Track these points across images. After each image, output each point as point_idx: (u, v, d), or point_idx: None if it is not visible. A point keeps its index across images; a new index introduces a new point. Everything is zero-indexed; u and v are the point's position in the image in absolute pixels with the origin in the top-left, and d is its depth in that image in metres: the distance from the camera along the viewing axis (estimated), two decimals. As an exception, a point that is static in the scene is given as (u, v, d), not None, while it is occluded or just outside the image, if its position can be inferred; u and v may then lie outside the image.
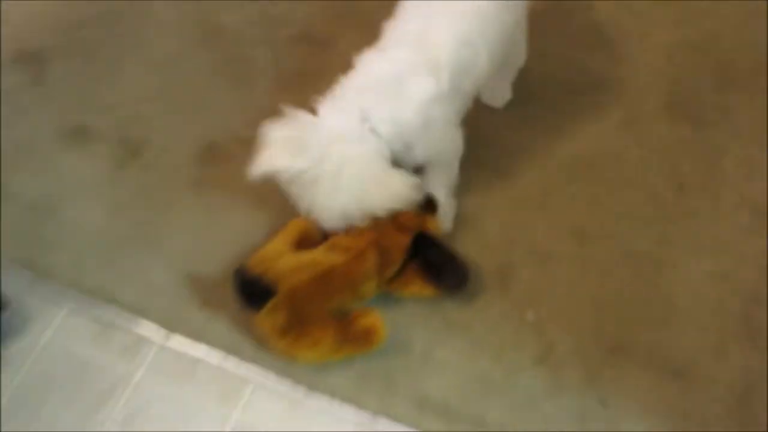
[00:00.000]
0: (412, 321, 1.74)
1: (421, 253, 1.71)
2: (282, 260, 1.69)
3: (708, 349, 1.70)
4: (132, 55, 2.05)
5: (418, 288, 1.73)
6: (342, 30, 1.88)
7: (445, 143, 1.67)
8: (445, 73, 1.60)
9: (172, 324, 1.74)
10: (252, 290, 1.64)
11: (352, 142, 1.55)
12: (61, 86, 2.01)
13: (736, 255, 1.81)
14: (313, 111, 1.61)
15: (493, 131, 1.98)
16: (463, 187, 1.89)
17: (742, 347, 1.70)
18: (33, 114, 1.97)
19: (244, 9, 2.14)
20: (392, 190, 1.57)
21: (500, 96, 2.02)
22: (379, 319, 1.66)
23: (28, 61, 2.04)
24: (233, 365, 1.69)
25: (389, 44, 1.66)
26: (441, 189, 1.81)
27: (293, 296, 1.63)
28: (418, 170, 1.74)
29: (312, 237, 1.75)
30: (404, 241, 1.70)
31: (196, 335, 1.72)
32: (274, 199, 1.81)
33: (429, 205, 1.74)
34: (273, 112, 1.79)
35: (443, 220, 1.85)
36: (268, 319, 1.64)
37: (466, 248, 1.81)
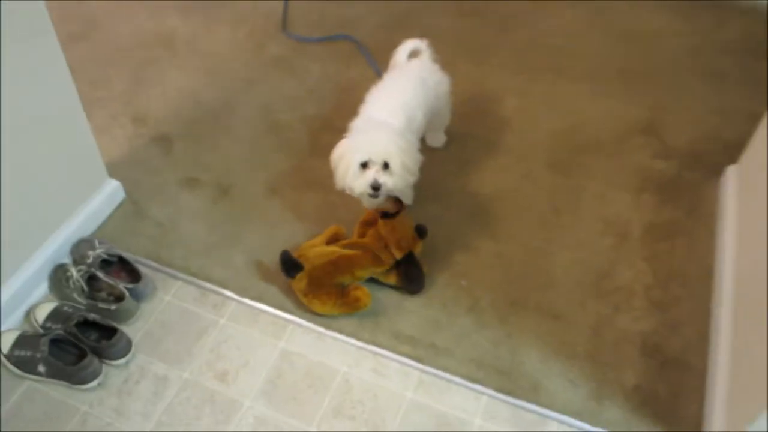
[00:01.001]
0: (391, 290, 1.76)
1: (403, 264, 1.73)
2: (312, 249, 1.73)
3: (574, 303, 1.74)
4: (224, 137, 2.11)
5: (391, 280, 1.74)
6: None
7: (414, 157, 1.70)
8: (402, 118, 1.70)
9: (244, 291, 1.75)
10: (290, 265, 1.68)
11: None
12: (181, 156, 2.07)
13: (591, 249, 1.85)
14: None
15: (441, 181, 2.02)
16: (423, 212, 1.91)
17: (595, 302, 1.74)
18: (163, 171, 2.02)
19: (293, 111, 2.21)
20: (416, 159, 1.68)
21: (439, 140, 2.06)
22: (365, 293, 1.69)
23: (162, 140, 2.11)
24: (280, 314, 1.71)
25: (370, 110, 1.75)
26: (409, 190, 1.85)
27: (312, 272, 1.67)
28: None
29: (341, 236, 1.79)
30: (399, 255, 1.71)
31: (259, 297, 1.74)
32: (311, 217, 1.90)
33: (421, 231, 1.76)
34: (312, 170, 1.90)
35: (406, 199, 1.87)
36: (296, 284, 1.68)
37: (425, 246, 1.80)
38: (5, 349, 1.58)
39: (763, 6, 2.64)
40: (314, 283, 1.66)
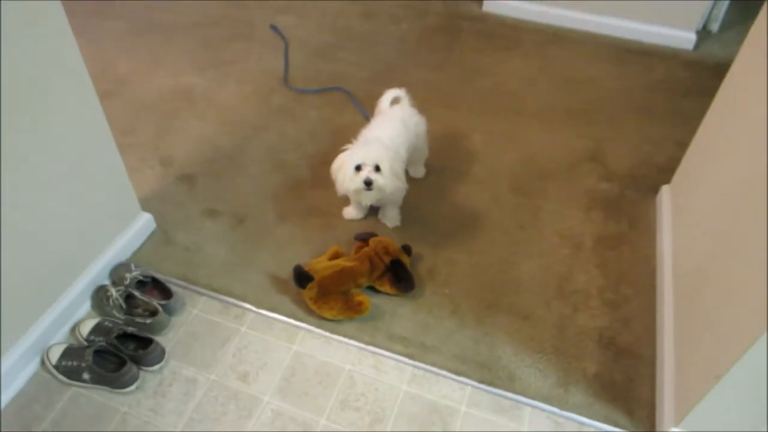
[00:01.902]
0: (386, 297, 1.74)
1: (393, 269, 1.72)
2: (319, 264, 1.71)
3: (540, 304, 1.72)
4: (239, 174, 2.09)
5: (386, 288, 1.72)
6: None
7: (401, 164, 1.73)
8: (389, 145, 1.70)
9: (261, 303, 1.72)
10: (302, 277, 1.66)
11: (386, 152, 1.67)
12: (203, 191, 2.04)
13: (552, 258, 1.84)
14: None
15: (423, 206, 2.00)
16: (409, 233, 1.89)
17: (558, 303, 1.73)
18: (188, 205, 1.99)
19: (296, 151, 2.19)
20: (402, 167, 1.72)
21: (420, 172, 2.06)
22: (367, 298, 1.67)
23: (186, 179, 2.08)
24: (292, 322, 1.68)
25: (366, 136, 1.77)
26: (395, 209, 1.86)
27: (321, 282, 1.65)
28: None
29: (341, 254, 1.77)
30: (387, 259, 1.70)
31: (273, 308, 1.71)
32: (314, 239, 1.86)
33: (407, 249, 1.77)
34: (314, 200, 1.86)
35: (394, 221, 1.91)
36: (307, 292, 1.66)
37: (412, 260, 1.80)
38: (54, 360, 1.53)
39: (683, 53, 2.69)
40: (323, 291, 1.64)
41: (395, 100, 1.94)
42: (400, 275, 1.71)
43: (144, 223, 1.86)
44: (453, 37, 2.78)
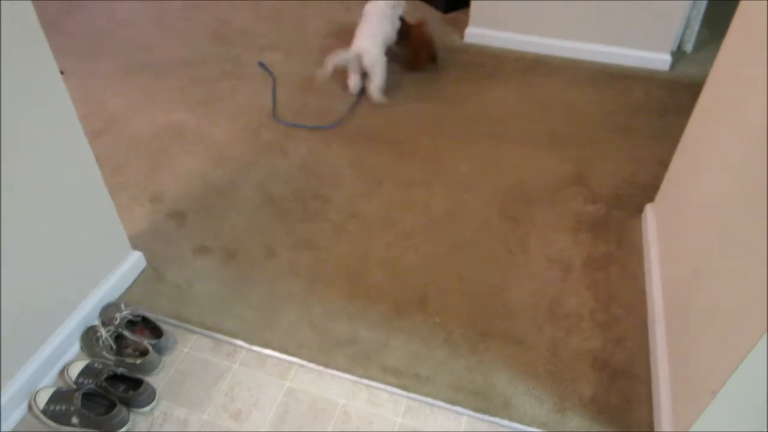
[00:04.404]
0: (378, 331, 1.68)
1: None
2: None
3: (532, 329, 1.67)
4: (229, 210, 2.05)
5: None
6: (336, 192, 1.88)
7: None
8: None
9: (252, 339, 1.66)
10: None
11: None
12: (193, 227, 1.99)
13: (542, 281, 1.81)
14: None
15: (415, 235, 1.94)
16: (401, 262, 1.84)
17: (550, 327, 1.68)
18: (179, 241, 1.94)
19: (286, 185, 2.15)
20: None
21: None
22: None
23: (176, 215, 2.03)
24: (284, 357, 1.63)
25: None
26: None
27: None
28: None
29: None
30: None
31: (265, 344, 1.66)
32: (303, 272, 1.80)
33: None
34: (303, 233, 1.82)
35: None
36: None
37: (404, 291, 1.77)
38: (41, 405, 1.47)
39: (659, 74, 2.69)
40: None
41: None
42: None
43: (134, 261, 1.81)
44: (436, 68, 2.78)
